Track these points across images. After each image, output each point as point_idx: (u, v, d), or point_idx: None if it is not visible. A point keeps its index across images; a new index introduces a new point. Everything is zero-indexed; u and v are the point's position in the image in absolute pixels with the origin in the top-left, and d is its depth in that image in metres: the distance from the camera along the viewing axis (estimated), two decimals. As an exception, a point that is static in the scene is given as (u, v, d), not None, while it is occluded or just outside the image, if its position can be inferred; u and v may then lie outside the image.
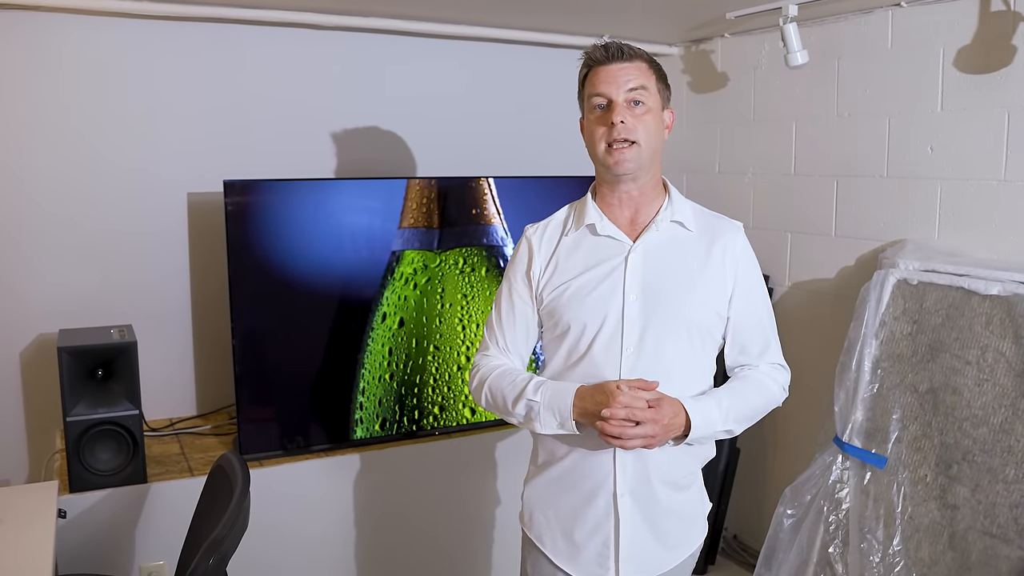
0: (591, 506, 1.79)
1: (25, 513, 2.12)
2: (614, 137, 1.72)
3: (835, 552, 2.62)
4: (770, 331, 1.86)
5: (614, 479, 1.76)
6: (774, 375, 1.84)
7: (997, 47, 2.53)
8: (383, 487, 2.85)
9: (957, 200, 2.67)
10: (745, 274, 1.83)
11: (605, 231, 1.81)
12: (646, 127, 1.74)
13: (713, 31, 3.39)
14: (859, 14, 2.89)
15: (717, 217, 1.88)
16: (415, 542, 2.91)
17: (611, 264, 1.78)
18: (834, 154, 3.04)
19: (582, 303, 1.77)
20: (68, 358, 2.42)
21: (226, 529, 1.58)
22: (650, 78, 1.78)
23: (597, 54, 1.78)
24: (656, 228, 1.79)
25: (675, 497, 1.81)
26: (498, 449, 3.01)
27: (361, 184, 2.90)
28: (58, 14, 2.74)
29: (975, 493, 2.39)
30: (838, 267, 3.04)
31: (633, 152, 1.73)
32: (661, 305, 1.75)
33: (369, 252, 2.85)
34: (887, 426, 2.59)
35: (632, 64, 1.76)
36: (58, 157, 2.81)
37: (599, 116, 1.77)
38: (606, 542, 1.79)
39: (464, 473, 2.96)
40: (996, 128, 2.55)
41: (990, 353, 2.41)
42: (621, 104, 1.73)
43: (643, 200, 1.82)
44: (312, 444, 2.82)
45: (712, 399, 1.74)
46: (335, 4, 2.92)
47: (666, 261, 1.78)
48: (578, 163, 3.54)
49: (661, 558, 1.82)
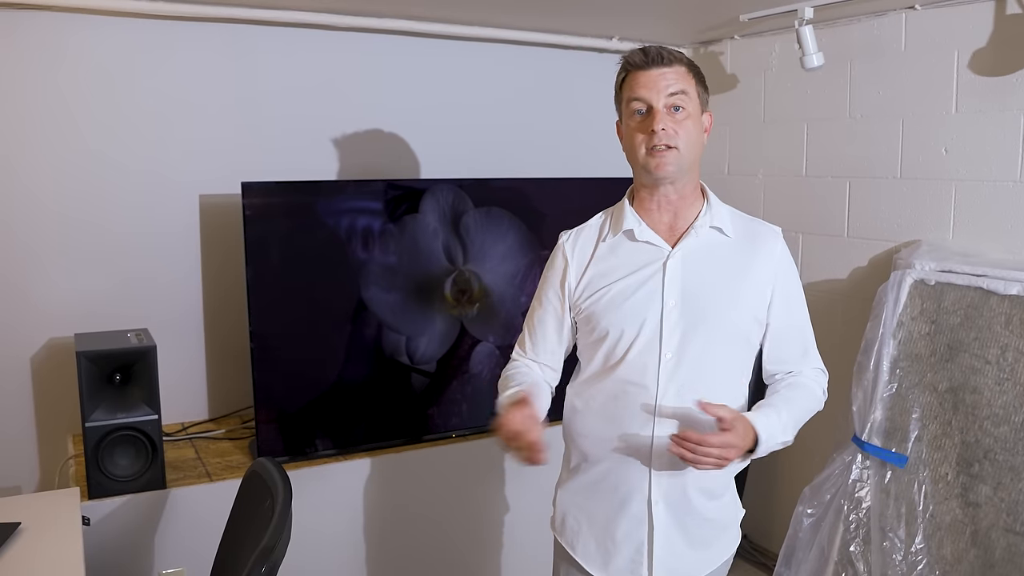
0: (625, 512, 1.79)
1: (49, 520, 2.08)
2: (654, 144, 1.71)
3: (856, 551, 2.64)
4: (808, 336, 1.87)
5: (649, 486, 1.76)
6: (818, 379, 1.87)
7: (1013, 49, 2.56)
8: (400, 491, 2.84)
9: (972, 201, 2.70)
10: (784, 280, 1.82)
11: (643, 237, 1.80)
12: (687, 132, 1.73)
13: (723, 33, 3.40)
14: (872, 16, 2.91)
15: (755, 222, 1.88)
16: (429, 547, 2.90)
17: (649, 270, 1.77)
18: (847, 156, 3.06)
19: (620, 308, 1.77)
20: (87, 363, 2.38)
21: (276, 537, 1.56)
22: (690, 82, 1.76)
23: (636, 58, 1.76)
24: (695, 234, 1.78)
25: (709, 505, 1.81)
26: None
27: (377, 186, 2.89)
28: (69, 14, 2.70)
29: (997, 491, 2.41)
30: (851, 268, 3.06)
31: (673, 156, 1.72)
32: (700, 311, 1.74)
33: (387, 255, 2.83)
34: (907, 425, 2.61)
35: (672, 69, 1.74)
36: (67, 160, 2.77)
37: (639, 122, 1.75)
38: (639, 548, 1.79)
39: (479, 478, 2.96)
40: (1012, 130, 2.58)
41: (1010, 352, 2.43)
42: (661, 110, 1.72)
43: (682, 204, 1.81)
44: (329, 448, 2.80)
45: (772, 412, 1.73)
46: (348, 5, 2.90)
47: (705, 267, 1.77)
48: (592, 164, 3.57)
49: (694, 565, 1.83)
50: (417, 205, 2.86)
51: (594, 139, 3.65)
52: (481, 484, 2.96)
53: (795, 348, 1.85)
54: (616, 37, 3.49)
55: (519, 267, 3.04)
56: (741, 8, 2.97)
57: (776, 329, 1.82)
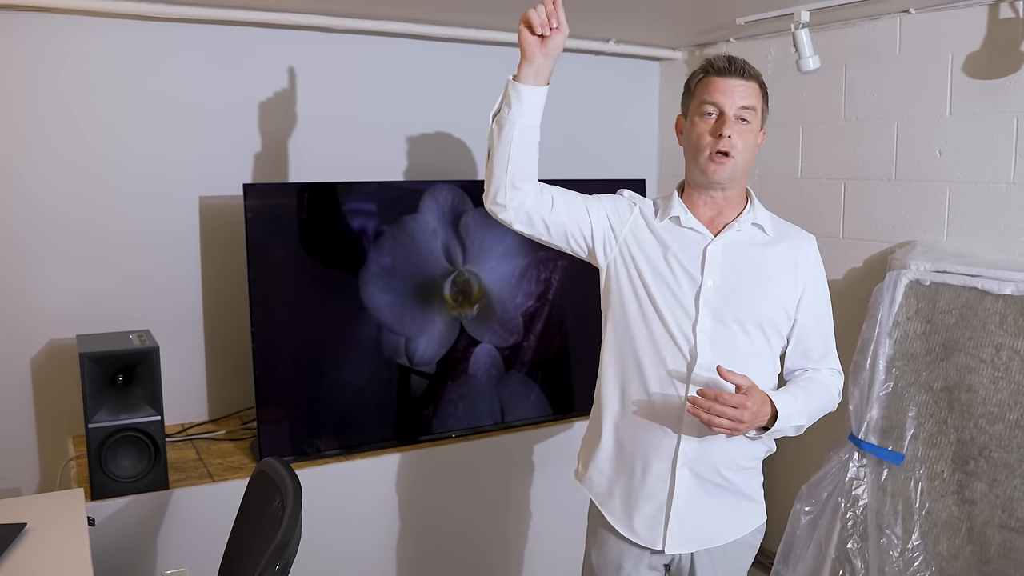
0: (650, 472, 1.88)
1: (54, 521, 2.08)
2: (719, 148, 1.81)
3: (854, 548, 2.67)
4: (830, 339, 1.99)
5: (676, 450, 1.85)
6: (835, 380, 1.96)
7: (1006, 53, 2.60)
8: (401, 491, 2.85)
9: (966, 203, 2.73)
10: (815, 283, 1.94)
11: (688, 224, 1.90)
12: (746, 144, 1.85)
13: (718, 36, 3.43)
14: (867, 20, 2.95)
15: (793, 228, 2.00)
16: (430, 546, 2.91)
17: (692, 252, 1.88)
18: (842, 157, 3.10)
19: (660, 280, 1.87)
20: (91, 364, 2.38)
21: (288, 535, 1.58)
22: (760, 100, 1.88)
23: (720, 63, 1.86)
24: (738, 227, 1.89)
25: (732, 476, 1.89)
26: (519, 452, 3.02)
27: (376, 187, 2.90)
28: (70, 16, 2.71)
29: (992, 488, 2.45)
30: (846, 268, 3.10)
31: (730, 165, 1.83)
32: (734, 296, 1.84)
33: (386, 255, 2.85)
34: (903, 424, 2.65)
35: (748, 84, 1.85)
36: (67, 161, 2.77)
37: (707, 123, 1.85)
38: (660, 507, 1.88)
39: (478, 477, 2.97)
40: (1005, 132, 2.62)
41: (1004, 351, 2.47)
42: (731, 118, 1.82)
43: (727, 206, 1.93)
44: (330, 449, 2.81)
45: (789, 394, 1.83)
46: (347, 7, 2.91)
47: (744, 257, 1.88)
48: (591, 167, 3.60)
49: (710, 532, 1.91)
50: (417, 205, 2.88)
51: (592, 141, 3.68)
52: (481, 483, 2.98)
53: (817, 347, 1.95)
54: (613, 40, 3.51)
55: (519, 267, 3.06)
56: (737, 11, 2.99)
57: (802, 327, 1.93)
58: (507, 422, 3.09)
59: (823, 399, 1.91)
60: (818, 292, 1.94)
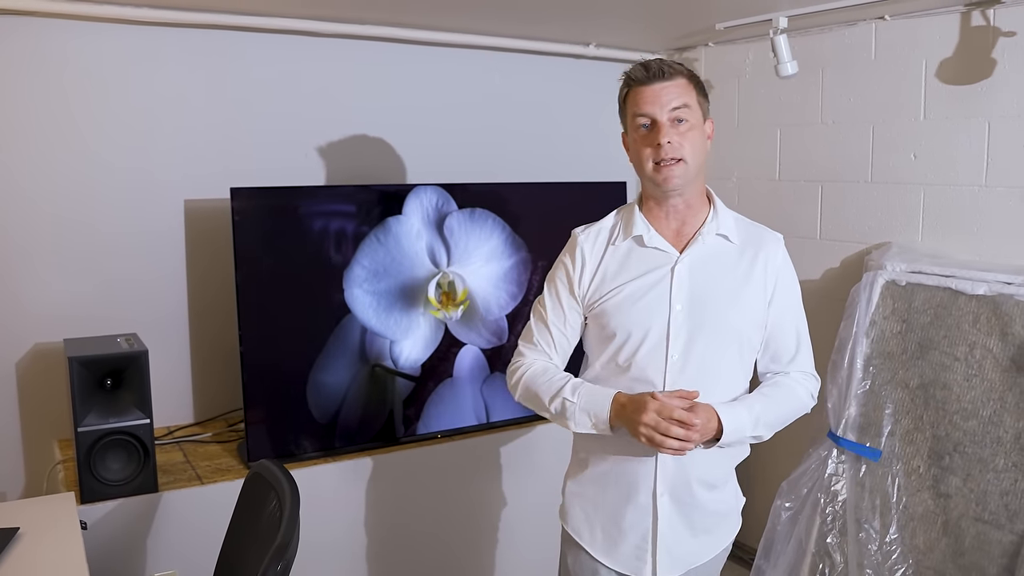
0: (631, 504, 1.87)
1: (47, 525, 2.09)
2: (661, 157, 1.77)
3: (833, 542, 2.74)
4: (803, 341, 1.93)
5: (655, 480, 1.84)
6: (804, 383, 1.92)
7: (978, 60, 2.67)
8: (389, 491, 2.87)
9: (940, 205, 2.81)
10: (783, 284, 1.90)
11: (652, 243, 1.86)
12: (691, 143, 1.79)
13: (697, 40, 3.49)
14: (843, 26, 3.02)
15: (758, 227, 1.94)
16: (418, 546, 2.94)
17: (658, 274, 1.84)
18: (819, 160, 3.17)
19: (629, 311, 1.83)
20: (79, 368, 2.39)
21: (289, 535, 1.61)
22: (691, 94, 1.81)
23: (638, 74, 1.81)
24: (702, 241, 1.85)
25: (710, 496, 1.89)
26: (504, 452, 3.06)
27: (363, 190, 2.92)
28: (58, 20, 2.70)
29: (967, 482, 2.52)
30: (823, 269, 3.16)
31: (680, 169, 1.78)
32: (706, 315, 1.81)
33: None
34: (880, 421, 2.72)
35: (673, 82, 1.79)
36: (52, 164, 2.76)
37: (644, 136, 1.81)
38: (645, 536, 1.87)
39: (465, 477, 3.00)
40: (977, 137, 2.70)
41: (978, 350, 2.55)
42: (665, 124, 1.77)
43: (689, 212, 1.88)
44: (317, 450, 2.83)
45: (744, 405, 1.81)
46: (332, 12, 2.93)
47: (711, 273, 1.84)
48: (573, 169, 3.64)
49: (696, 551, 1.92)
50: (401, 207, 2.90)
51: (572, 144, 3.73)
52: (467, 483, 3.01)
53: (786, 351, 1.91)
54: (593, 44, 3.56)
55: (503, 269, 3.09)
56: (717, 17, 3.05)
57: (771, 330, 1.89)
58: (492, 423, 3.12)
59: (788, 405, 1.88)
60: (787, 293, 1.90)
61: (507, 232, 3.08)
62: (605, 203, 3.11)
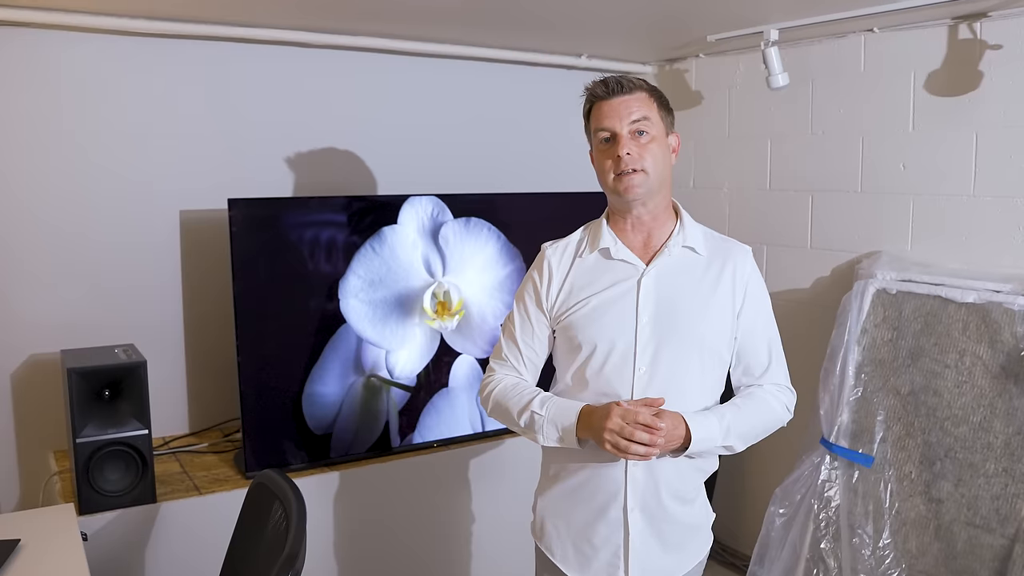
0: (602, 519, 1.86)
1: (48, 537, 2.09)
2: (621, 168, 1.80)
3: (827, 548, 2.77)
4: (775, 353, 1.92)
5: (625, 494, 1.83)
6: (778, 395, 1.90)
7: (965, 72, 2.72)
8: (387, 500, 2.88)
9: (929, 214, 2.86)
10: (752, 296, 1.89)
11: (619, 255, 1.87)
12: (652, 155, 1.81)
13: (688, 51, 3.53)
14: (833, 38, 3.07)
15: (727, 240, 1.95)
16: (415, 555, 2.95)
17: (624, 286, 1.85)
18: (809, 170, 3.21)
19: (596, 323, 1.84)
20: (78, 379, 2.39)
21: (297, 545, 1.61)
22: (651, 107, 1.84)
23: (598, 90, 1.85)
24: (668, 253, 1.86)
25: (681, 510, 1.88)
26: (500, 461, 3.08)
27: (359, 201, 2.94)
28: (52, 31, 2.71)
29: (958, 487, 2.56)
30: (814, 278, 3.20)
31: (640, 178, 1.80)
32: (673, 326, 1.81)
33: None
34: (872, 427, 2.75)
35: (633, 96, 1.82)
36: (48, 174, 2.77)
37: (605, 149, 1.84)
38: (616, 552, 1.86)
39: (460, 486, 3.02)
40: (965, 147, 2.75)
41: (968, 357, 2.59)
42: (625, 136, 1.80)
43: (655, 224, 1.89)
44: (314, 460, 2.83)
45: (714, 415, 1.80)
46: (325, 23, 2.95)
47: (678, 284, 1.84)
48: (565, 179, 3.66)
49: (668, 566, 1.90)
50: (396, 217, 2.92)
51: (559, 154, 3.76)
52: (463, 492, 3.02)
53: (760, 363, 1.90)
54: (585, 55, 3.59)
55: (498, 278, 3.11)
56: (708, 29, 3.09)
57: (742, 343, 1.89)
58: (488, 432, 3.13)
59: (761, 417, 1.86)
60: (757, 305, 1.90)
61: (502, 241, 3.10)
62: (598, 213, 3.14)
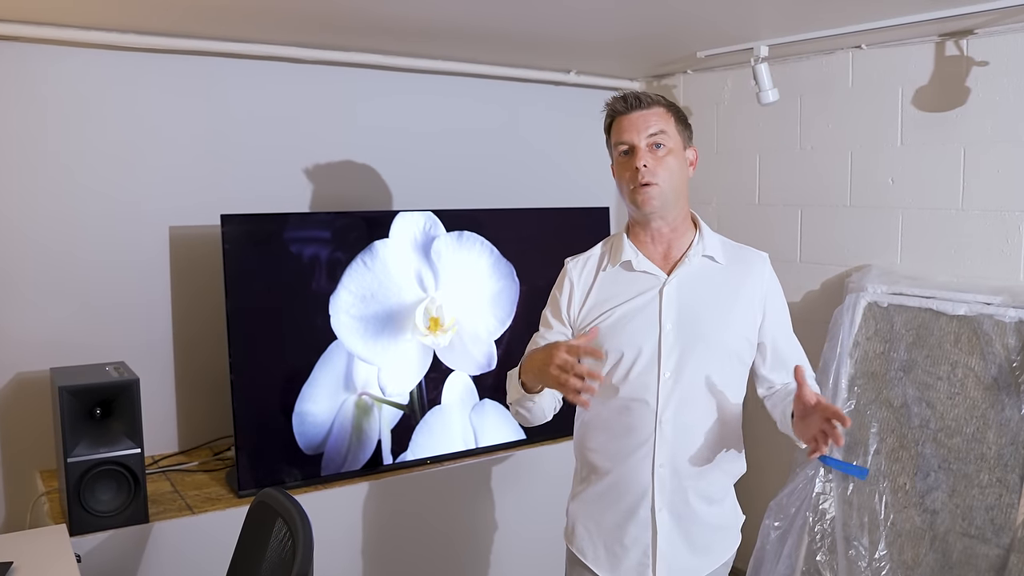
0: (632, 519, 1.91)
1: (41, 558, 2.05)
2: (639, 181, 1.85)
3: (823, 560, 2.78)
4: (799, 347, 2.02)
5: (652, 494, 1.88)
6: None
7: (952, 88, 2.76)
8: (380, 517, 2.86)
9: (918, 228, 2.89)
10: (773, 301, 1.97)
11: (640, 267, 1.92)
12: (667, 168, 1.87)
13: (676, 68, 3.56)
14: (821, 54, 3.10)
15: (744, 249, 2.02)
16: (409, 572, 2.92)
17: (647, 296, 1.90)
18: (798, 185, 3.24)
19: (621, 332, 1.89)
20: (69, 397, 2.35)
21: (305, 567, 1.59)
22: (669, 121, 1.90)
23: (618, 105, 1.91)
24: (688, 262, 1.91)
25: (709, 511, 1.94)
26: (494, 476, 3.06)
27: (350, 217, 2.92)
28: (39, 45, 2.68)
29: (952, 498, 2.58)
30: (804, 291, 3.23)
31: (656, 191, 1.86)
32: (695, 332, 1.87)
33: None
34: (866, 439, 2.77)
35: (651, 111, 1.89)
36: (35, 190, 2.73)
37: (624, 162, 1.90)
38: (645, 552, 1.91)
39: (454, 502, 3.00)
40: (953, 162, 2.79)
41: (959, 369, 2.62)
42: (643, 149, 1.86)
43: (674, 236, 1.94)
44: (307, 478, 2.80)
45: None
46: (315, 39, 2.94)
47: (698, 292, 1.90)
48: (554, 194, 3.67)
49: (696, 566, 1.96)
50: (387, 232, 2.90)
51: (554, 170, 3.77)
52: (457, 508, 3.00)
53: (792, 359, 1.96)
54: (574, 71, 3.61)
55: (491, 294, 3.10)
56: (698, 45, 3.12)
57: (773, 344, 1.96)
58: (481, 448, 3.11)
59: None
60: (778, 309, 1.98)
61: (495, 256, 3.10)
62: (590, 229, 3.17)
